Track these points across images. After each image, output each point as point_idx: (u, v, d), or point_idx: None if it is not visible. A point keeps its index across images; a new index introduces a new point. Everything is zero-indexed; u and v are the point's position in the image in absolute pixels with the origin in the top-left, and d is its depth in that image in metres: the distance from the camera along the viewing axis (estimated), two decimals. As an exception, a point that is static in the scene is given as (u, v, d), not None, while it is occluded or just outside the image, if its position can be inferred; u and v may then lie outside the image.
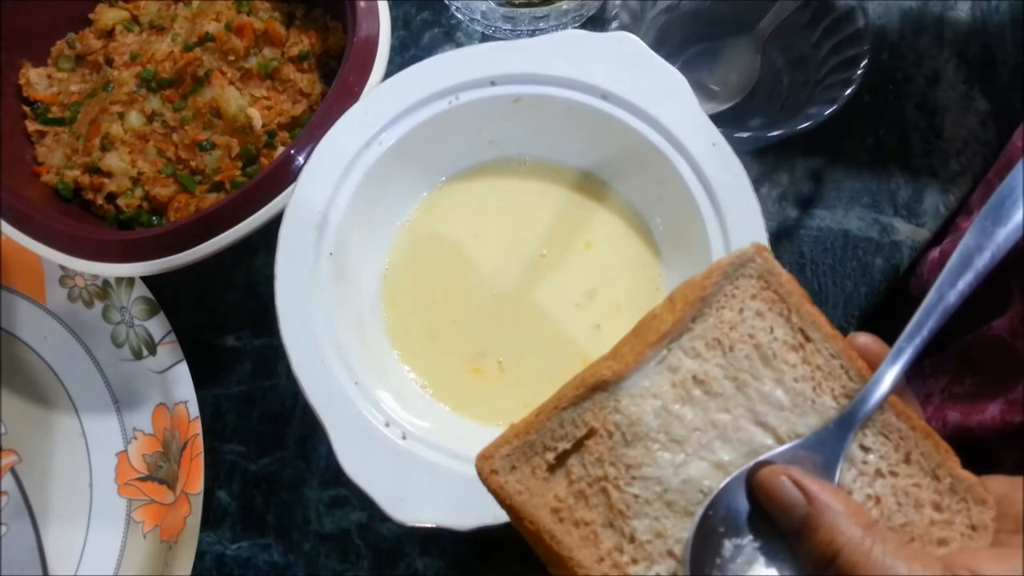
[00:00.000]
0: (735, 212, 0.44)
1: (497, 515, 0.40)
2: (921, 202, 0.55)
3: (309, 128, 0.48)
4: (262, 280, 0.56)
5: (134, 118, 0.54)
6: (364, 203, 0.48)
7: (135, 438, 0.52)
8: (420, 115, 0.48)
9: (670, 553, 0.27)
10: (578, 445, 0.28)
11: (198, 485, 0.49)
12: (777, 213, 0.55)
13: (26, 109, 0.57)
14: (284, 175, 0.47)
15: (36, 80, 0.57)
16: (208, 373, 0.53)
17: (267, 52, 0.56)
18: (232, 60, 0.55)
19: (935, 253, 0.48)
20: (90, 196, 0.54)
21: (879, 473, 0.28)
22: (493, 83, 0.48)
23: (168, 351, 0.52)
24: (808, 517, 0.26)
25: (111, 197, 0.53)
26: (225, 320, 0.55)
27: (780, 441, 0.28)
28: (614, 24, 0.52)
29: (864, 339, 0.30)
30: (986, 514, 0.27)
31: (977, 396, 0.39)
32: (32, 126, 0.56)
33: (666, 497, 0.27)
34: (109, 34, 0.59)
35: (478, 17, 0.58)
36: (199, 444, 0.49)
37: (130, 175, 0.53)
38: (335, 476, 0.51)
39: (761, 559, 0.26)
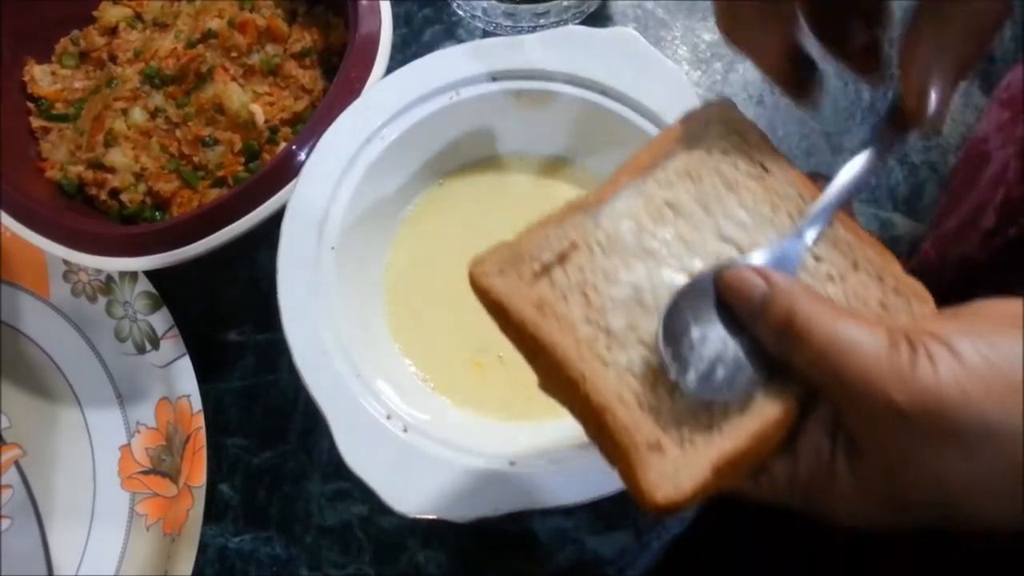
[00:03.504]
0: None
1: (497, 507, 0.40)
2: (920, 198, 0.55)
3: (311, 124, 0.48)
4: (264, 275, 0.56)
5: (137, 114, 0.55)
6: (366, 198, 0.48)
7: (138, 432, 0.53)
8: (421, 111, 0.49)
9: (641, 341, 0.29)
10: (561, 259, 0.31)
11: (201, 478, 0.49)
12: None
13: (30, 105, 0.57)
14: (286, 170, 0.48)
15: (40, 77, 0.57)
16: (211, 367, 0.53)
17: (269, 49, 0.56)
18: (235, 56, 0.55)
19: (927, 247, 0.48)
20: (94, 192, 0.54)
21: (830, 278, 0.30)
22: (494, 79, 0.49)
23: (171, 345, 0.52)
24: (766, 295, 0.27)
25: (114, 193, 0.54)
26: (228, 315, 0.55)
27: (742, 252, 0.31)
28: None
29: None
30: (926, 308, 0.29)
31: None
32: (36, 122, 0.57)
33: (638, 297, 0.30)
34: (113, 31, 0.59)
35: (479, 14, 0.58)
36: (202, 438, 0.50)
37: (133, 171, 0.53)
38: (337, 469, 0.51)
39: (728, 344, 0.28)
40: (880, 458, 0.25)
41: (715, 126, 0.33)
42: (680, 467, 0.27)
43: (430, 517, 0.40)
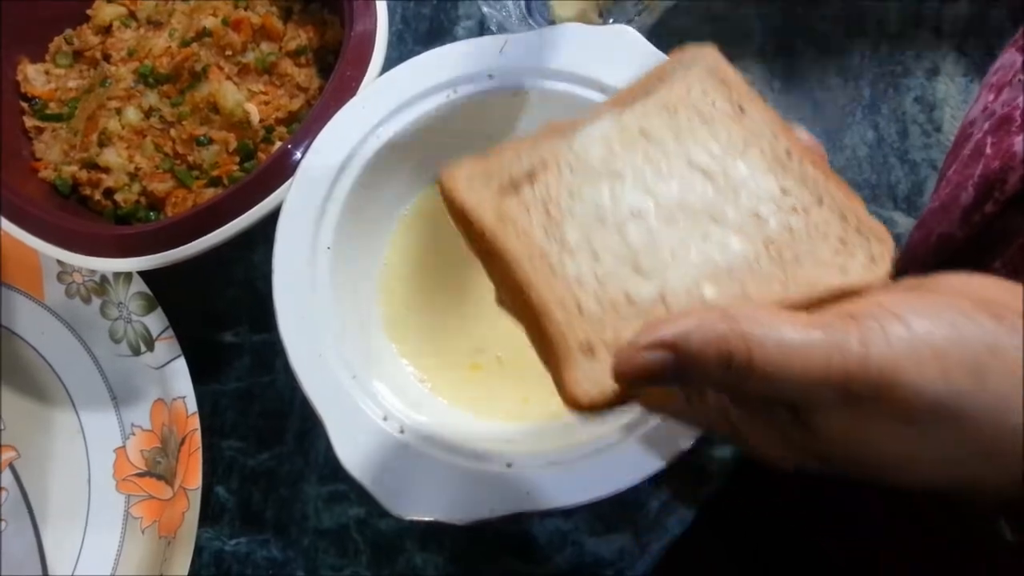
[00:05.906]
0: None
1: (495, 509, 0.40)
2: (921, 195, 0.55)
3: (307, 123, 0.48)
4: (260, 275, 0.55)
5: (131, 114, 0.54)
6: (362, 197, 0.48)
7: (133, 434, 0.52)
8: (418, 109, 0.48)
9: (594, 254, 0.29)
10: (530, 176, 0.31)
11: (196, 481, 0.48)
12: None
13: (24, 105, 0.57)
14: (282, 170, 0.47)
15: (34, 76, 0.57)
16: (206, 369, 0.53)
17: (264, 47, 0.56)
18: (229, 55, 0.54)
19: (912, 229, 0.48)
20: (88, 192, 0.53)
21: (795, 209, 0.31)
22: (491, 77, 0.48)
23: (166, 347, 0.51)
24: (674, 368, 0.25)
25: (108, 193, 0.53)
26: (223, 315, 0.55)
27: (709, 177, 0.31)
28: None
29: (803, 133, 0.32)
30: (884, 248, 0.30)
31: None
32: (30, 122, 0.56)
33: (599, 215, 0.30)
34: (107, 30, 0.58)
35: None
36: (197, 440, 0.49)
37: (127, 171, 0.53)
38: (333, 471, 0.51)
39: None
40: (823, 433, 0.25)
41: (698, 68, 0.34)
42: (610, 372, 0.27)
43: (427, 519, 0.39)
